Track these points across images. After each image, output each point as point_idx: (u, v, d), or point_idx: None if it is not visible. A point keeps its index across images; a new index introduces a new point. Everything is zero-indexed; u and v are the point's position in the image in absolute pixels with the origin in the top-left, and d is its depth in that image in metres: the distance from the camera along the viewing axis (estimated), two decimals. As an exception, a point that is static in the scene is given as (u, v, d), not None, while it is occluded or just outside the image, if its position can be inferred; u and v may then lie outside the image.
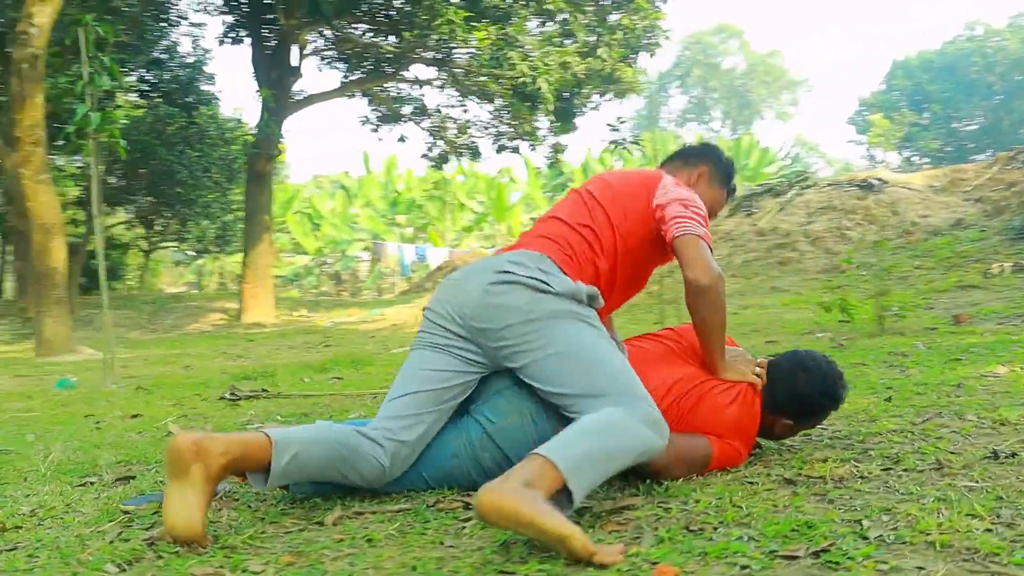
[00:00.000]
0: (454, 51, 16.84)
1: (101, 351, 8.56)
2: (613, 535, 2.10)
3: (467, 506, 2.42)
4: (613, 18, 18.50)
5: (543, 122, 20.52)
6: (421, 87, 22.20)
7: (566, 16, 18.21)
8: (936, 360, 5.04)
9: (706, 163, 3.08)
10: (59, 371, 9.59)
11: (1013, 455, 2.56)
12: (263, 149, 19.78)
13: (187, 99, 23.68)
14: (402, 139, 24.05)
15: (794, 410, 2.83)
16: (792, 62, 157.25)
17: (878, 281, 7.41)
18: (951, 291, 9.79)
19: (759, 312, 10.02)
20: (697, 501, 2.32)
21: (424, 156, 23.90)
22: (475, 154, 23.34)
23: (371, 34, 20.24)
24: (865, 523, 2.02)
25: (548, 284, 2.48)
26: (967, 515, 2.02)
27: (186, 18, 22.51)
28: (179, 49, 24.33)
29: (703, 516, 2.18)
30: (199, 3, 21.59)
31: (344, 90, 21.67)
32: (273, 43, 20.33)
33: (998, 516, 2.01)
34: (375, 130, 23.76)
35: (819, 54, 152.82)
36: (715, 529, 2.07)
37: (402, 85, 22.84)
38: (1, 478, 3.38)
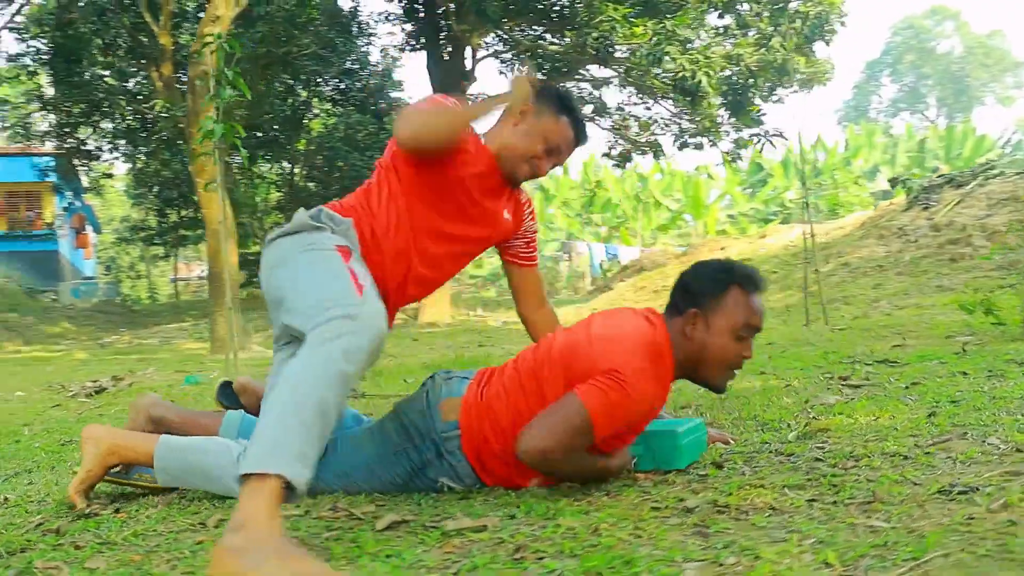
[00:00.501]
0: (615, 48, 16.60)
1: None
2: (449, 557, 1.97)
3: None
4: (792, 5, 17.81)
5: (725, 117, 20.01)
6: (598, 87, 22.10)
7: (745, 7, 17.71)
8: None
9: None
10: (224, 367, 10.08)
11: (971, 490, 2.24)
12: (437, 156, 20.18)
13: (377, 106, 24.60)
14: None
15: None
16: (1016, 42, 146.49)
17: (1024, 278, 6.71)
18: None
19: (913, 313, 9.38)
20: (557, 525, 2.14)
21: (605, 155, 23.80)
22: (658, 152, 23.03)
23: (539, 34, 20.32)
24: (689, 566, 1.82)
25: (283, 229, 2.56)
26: (815, 565, 1.77)
27: (374, 32, 23.32)
28: (369, 58, 25.34)
29: (542, 542, 2.00)
30: (380, 14, 22.33)
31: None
32: (448, 49, 20.75)
33: (848, 567, 1.74)
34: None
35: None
36: (540, 559, 1.90)
37: (582, 84, 22.83)
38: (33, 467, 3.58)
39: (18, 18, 23.34)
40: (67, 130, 24.51)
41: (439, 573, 1.84)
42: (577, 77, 21.01)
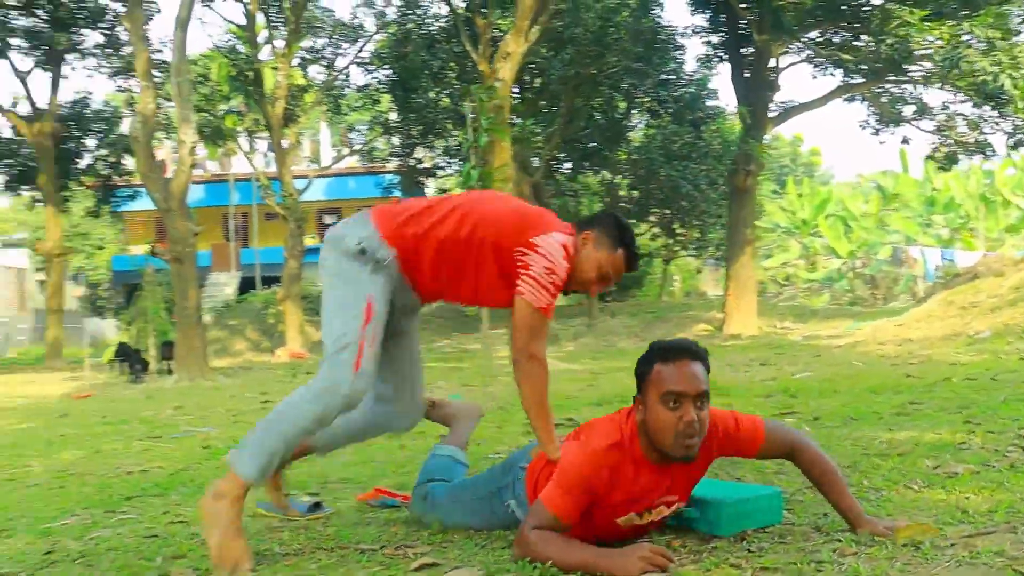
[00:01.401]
0: (911, 53, 15.73)
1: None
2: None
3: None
4: None
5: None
6: (917, 86, 21.04)
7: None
8: None
9: (601, 228, 3.16)
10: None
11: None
12: (741, 166, 20.16)
13: (694, 116, 24.84)
14: (905, 141, 22.91)
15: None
16: None
17: None
18: None
19: None
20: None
21: (929, 157, 22.59)
22: (988, 152, 21.57)
23: (839, 43, 19.68)
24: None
25: (341, 236, 3.01)
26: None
27: (681, 47, 23.63)
28: (684, 68, 25.61)
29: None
30: (685, 27, 22.62)
31: (830, 98, 21.26)
32: (750, 60, 20.63)
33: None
34: (875, 133, 22.99)
35: None
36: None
37: (901, 87, 21.83)
38: None
39: (362, 54, 26.01)
40: (407, 150, 26.84)
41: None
42: (891, 78, 20.08)
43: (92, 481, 4.92)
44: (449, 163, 27.50)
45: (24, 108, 24.73)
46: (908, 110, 22.24)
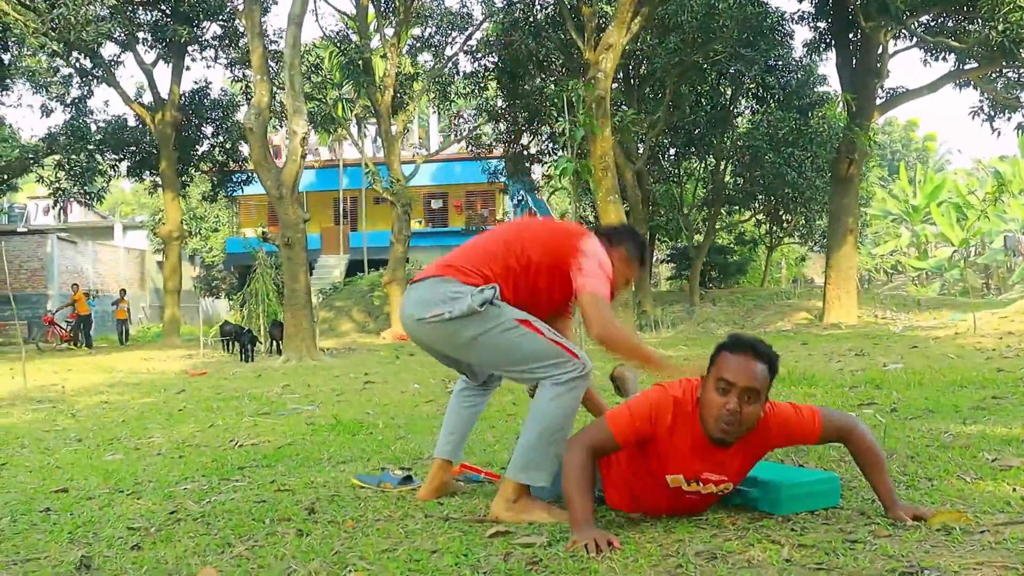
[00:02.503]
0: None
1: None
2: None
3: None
4: None
5: None
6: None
7: None
8: None
9: (624, 246, 3.75)
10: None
11: (919, 570, 2.61)
12: (844, 154, 19.95)
13: (801, 102, 24.58)
14: (1020, 128, 22.29)
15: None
16: None
17: None
18: None
19: None
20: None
21: (1047, 145, 21.99)
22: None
23: (949, 28, 19.28)
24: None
25: (452, 312, 3.35)
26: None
27: (789, 33, 23.38)
28: (791, 55, 25.34)
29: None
30: (793, 13, 22.40)
31: (940, 84, 20.83)
32: (857, 46, 20.37)
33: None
34: (988, 120, 22.42)
35: None
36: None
37: (1018, 71, 21.26)
38: (359, 456, 4.78)
39: (470, 41, 26.45)
40: (512, 136, 27.20)
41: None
42: (1004, 64, 19.58)
43: (208, 452, 5.40)
44: (554, 149, 27.78)
45: (147, 98, 25.95)
46: (1024, 96, 21.66)
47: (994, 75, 21.54)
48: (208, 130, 26.85)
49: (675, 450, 3.15)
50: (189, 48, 25.23)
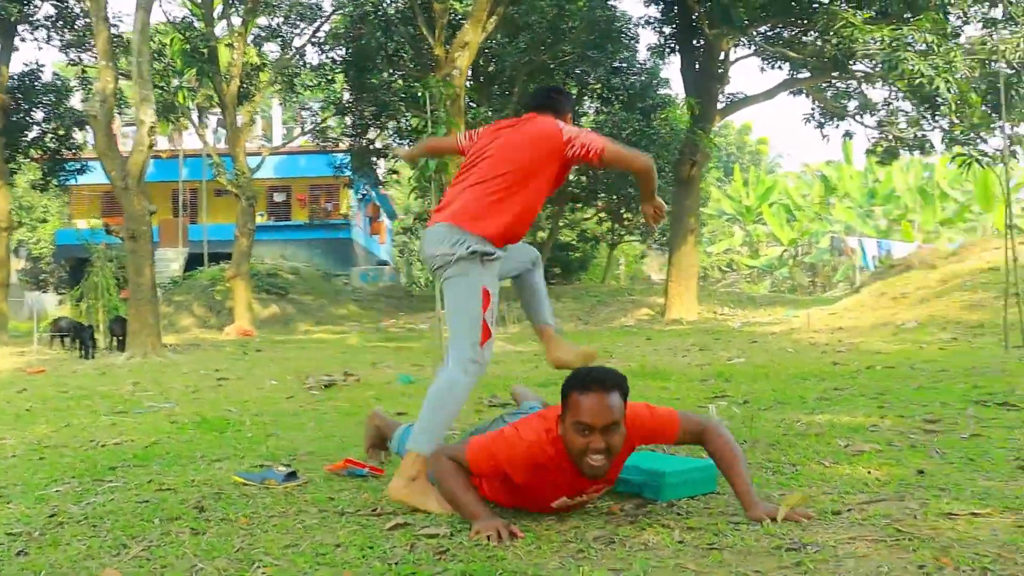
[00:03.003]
0: (854, 53, 16.28)
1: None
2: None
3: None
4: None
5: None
6: (861, 83, 21.70)
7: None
8: None
9: (567, 108, 4.07)
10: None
11: (802, 547, 2.80)
12: (687, 156, 20.68)
13: (644, 104, 25.30)
14: (847, 135, 23.65)
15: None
16: None
17: None
18: None
19: None
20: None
21: (869, 152, 23.32)
22: (926, 149, 22.34)
23: (787, 39, 20.28)
24: None
25: (452, 254, 3.65)
26: None
27: (635, 37, 24.04)
28: (636, 58, 26.08)
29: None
30: (639, 18, 23.05)
31: (776, 91, 21.86)
32: (701, 52, 21.15)
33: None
34: (819, 127, 23.65)
35: None
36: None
37: (846, 82, 22.49)
38: (232, 455, 4.70)
39: (318, 33, 26.12)
40: (359, 130, 27.02)
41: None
42: (835, 74, 20.72)
43: (69, 453, 5.18)
44: (400, 144, 27.72)
45: (-28, 79, 24.49)
46: (852, 105, 22.94)
47: (824, 85, 22.73)
48: (39, 115, 25.52)
49: (541, 485, 3.22)
50: (19, 27, 23.93)
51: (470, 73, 23.12)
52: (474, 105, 22.86)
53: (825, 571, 2.51)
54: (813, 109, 23.35)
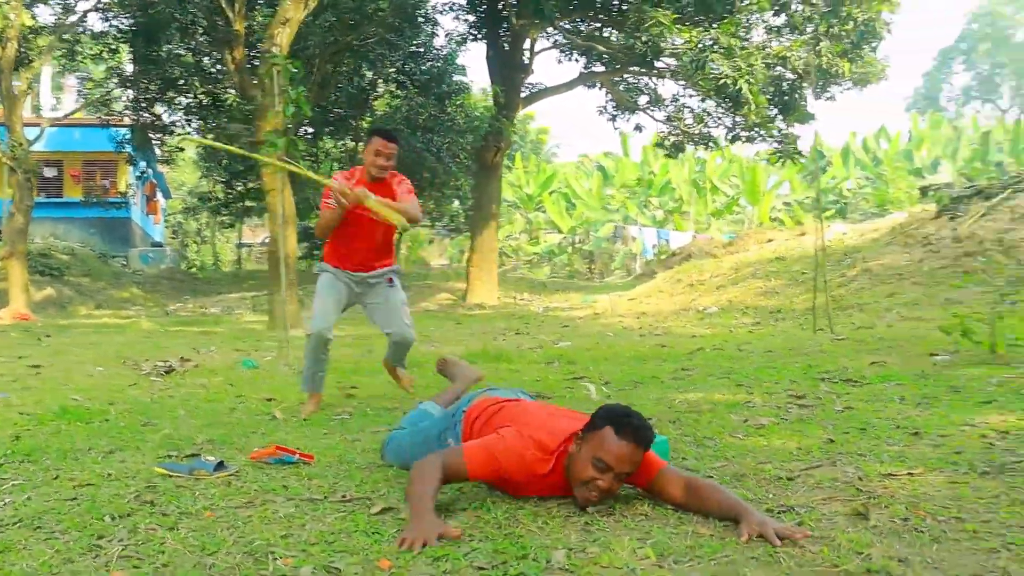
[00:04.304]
0: (663, 51, 17.08)
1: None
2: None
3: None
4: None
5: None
6: (653, 78, 22.69)
7: (798, 7, 18.26)
8: (973, 401, 5.02)
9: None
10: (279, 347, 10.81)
11: (786, 510, 3.02)
12: (492, 143, 21.03)
13: (440, 90, 25.41)
14: (638, 128, 24.67)
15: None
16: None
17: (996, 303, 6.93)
18: None
19: (912, 327, 9.87)
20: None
21: (658, 145, 24.42)
22: (711, 144, 23.60)
23: (593, 32, 20.99)
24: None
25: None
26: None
27: (438, 23, 24.09)
28: (434, 43, 26.15)
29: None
30: (444, 4, 23.15)
31: (575, 83, 22.55)
32: (507, 42, 21.52)
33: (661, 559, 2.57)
34: (612, 119, 24.55)
35: None
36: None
37: (637, 77, 23.44)
38: (122, 446, 4.55)
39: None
40: (144, 105, 25.70)
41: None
42: (633, 69, 21.59)
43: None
44: (189, 121, 26.63)
45: None
46: (643, 100, 23.93)
47: (617, 80, 23.62)
48: None
49: (533, 491, 3.28)
50: None
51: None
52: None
53: (821, 529, 2.75)
54: (607, 102, 24.21)
